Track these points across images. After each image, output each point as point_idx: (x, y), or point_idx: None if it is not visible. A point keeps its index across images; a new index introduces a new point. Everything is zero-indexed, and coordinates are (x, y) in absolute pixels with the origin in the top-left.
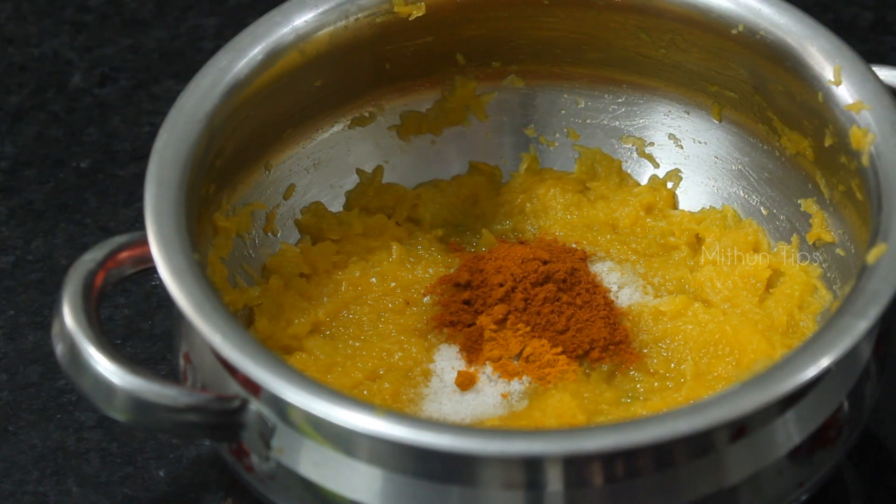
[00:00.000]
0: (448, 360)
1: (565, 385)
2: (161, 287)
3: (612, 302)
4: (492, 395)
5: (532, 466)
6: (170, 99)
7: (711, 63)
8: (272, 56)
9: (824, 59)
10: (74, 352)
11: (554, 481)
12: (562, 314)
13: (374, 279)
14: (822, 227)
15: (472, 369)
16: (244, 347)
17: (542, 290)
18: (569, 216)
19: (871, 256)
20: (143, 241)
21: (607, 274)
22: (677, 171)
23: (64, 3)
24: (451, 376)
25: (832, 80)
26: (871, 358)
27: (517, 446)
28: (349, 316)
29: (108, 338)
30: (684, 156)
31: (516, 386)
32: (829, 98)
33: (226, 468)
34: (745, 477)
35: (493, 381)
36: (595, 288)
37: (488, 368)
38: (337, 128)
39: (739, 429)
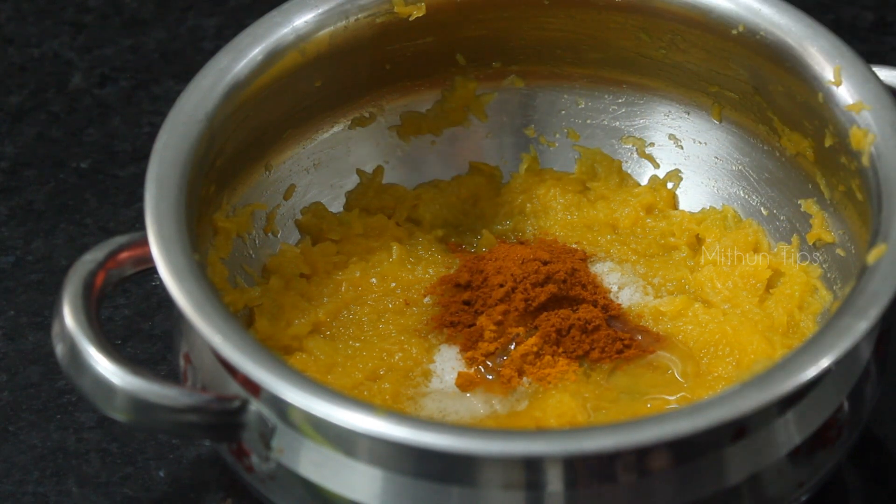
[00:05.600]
0: (448, 361)
1: (565, 385)
2: (161, 287)
3: (613, 302)
4: (492, 396)
5: (532, 466)
6: (170, 99)
7: (711, 63)
8: (272, 56)
9: (824, 59)
10: (74, 352)
11: (554, 481)
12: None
13: (374, 279)
14: (823, 228)
15: (472, 370)
16: (244, 348)
17: (542, 290)
18: (569, 216)
19: (872, 257)
20: (144, 242)
21: (607, 274)
22: (677, 171)
23: (64, 3)
24: (451, 377)
25: (832, 80)
26: (871, 358)
27: (517, 446)
28: (349, 316)
29: (108, 338)
30: (684, 156)
31: (516, 386)
32: (829, 98)
33: (226, 468)
34: (745, 477)
35: (494, 382)
36: (595, 288)
37: None
38: (337, 128)
39: (739, 429)
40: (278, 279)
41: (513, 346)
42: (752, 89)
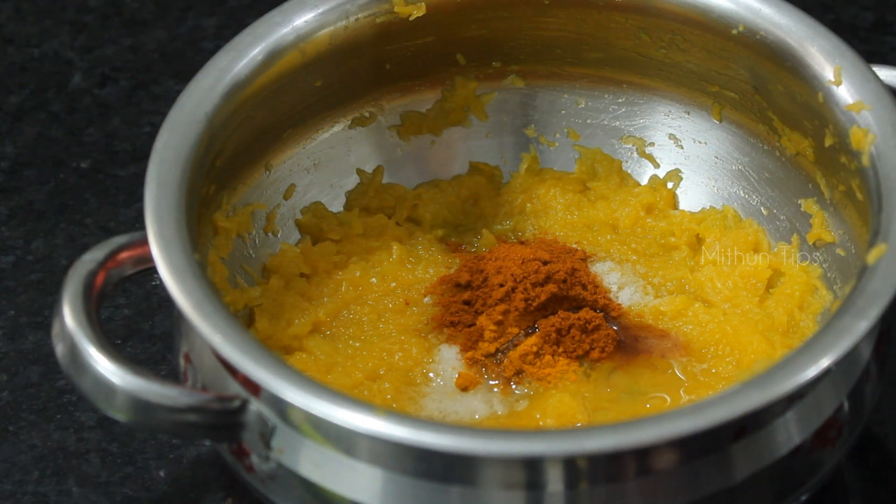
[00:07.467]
0: (448, 361)
1: (565, 385)
2: (161, 287)
3: (613, 302)
4: (492, 395)
5: (532, 466)
6: (170, 99)
7: (712, 63)
8: (272, 56)
9: (824, 59)
10: (74, 352)
11: (554, 481)
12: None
13: (374, 279)
14: (823, 228)
15: (472, 370)
16: (244, 347)
17: (542, 290)
18: (569, 216)
19: (872, 256)
20: (144, 242)
21: (607, 274)
22: (677, 171)
23: (64, 3)
24: (451, 376)
25: (832, 80)
26: (871, 358)
27: (517, 446)
28: (349, 316)
29: (108, 338)
30: (684, 156)
31: (516, 386)
32: (829, 98)
33: (226, 468)
34: (745, 477)
35: (494, 382)
36: (595, 288)
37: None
38: (337, 128)
39: (739, 429)
40: (278, 279)
41: (513, 346)
42: (752, 89)
